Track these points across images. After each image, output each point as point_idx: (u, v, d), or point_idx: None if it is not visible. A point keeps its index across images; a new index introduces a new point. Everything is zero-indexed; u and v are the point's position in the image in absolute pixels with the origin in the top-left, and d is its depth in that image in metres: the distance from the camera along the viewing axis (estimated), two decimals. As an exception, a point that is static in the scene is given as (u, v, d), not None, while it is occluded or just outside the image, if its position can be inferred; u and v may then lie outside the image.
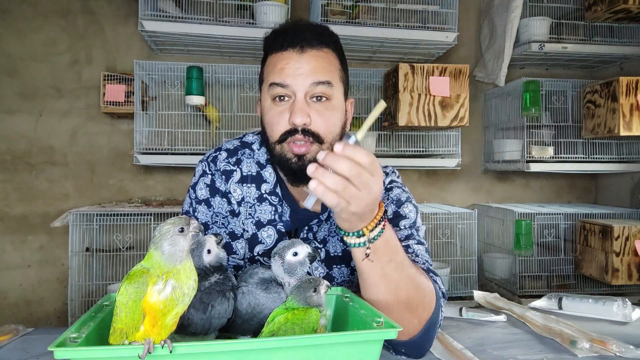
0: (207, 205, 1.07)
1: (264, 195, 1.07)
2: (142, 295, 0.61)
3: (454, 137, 2.60)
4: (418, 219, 1.07)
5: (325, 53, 0.99)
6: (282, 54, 0.97)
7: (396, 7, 2.46)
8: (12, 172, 2.49)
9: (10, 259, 2.49)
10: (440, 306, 0.93)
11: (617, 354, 0.94)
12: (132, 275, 0.63)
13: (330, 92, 0.98)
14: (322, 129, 0.97)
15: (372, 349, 0.67)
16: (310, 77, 0.95)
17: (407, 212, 1.05)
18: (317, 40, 0.98)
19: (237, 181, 1.07)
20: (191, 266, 0.66)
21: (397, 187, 1.09)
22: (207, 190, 1.07)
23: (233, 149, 1.10)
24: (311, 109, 0.96)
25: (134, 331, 0.62)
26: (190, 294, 0.64)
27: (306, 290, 0.74)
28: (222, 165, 1.08)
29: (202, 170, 1.09)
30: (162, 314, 0.62)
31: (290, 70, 0.95)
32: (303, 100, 0.95)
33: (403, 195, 1.08)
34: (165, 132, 2.44)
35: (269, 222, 1.06)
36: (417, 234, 1.04)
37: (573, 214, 2.54)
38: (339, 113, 1.01)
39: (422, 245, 1.02)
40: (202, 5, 2.34)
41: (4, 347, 0.95)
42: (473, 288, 2.48)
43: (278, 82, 0.96)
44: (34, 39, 2.49)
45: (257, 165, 1.08)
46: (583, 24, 2.64)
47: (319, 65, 0.97)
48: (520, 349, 0.98)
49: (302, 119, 0.94)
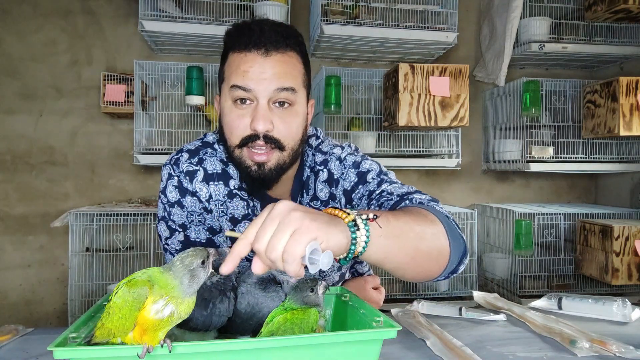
0: (180, 207, 1.06)
1: (234, 191, 1.06)
2: (139, 306, 0.61)
3: (454, 137, 2.60)
4: (383, 168, 1.08)
5: (289, 57, 0.97)
6: (245, 55, 0.94)
7: (396, 7, 2.46)
8: (12, 172, 2.49)
9: (10, 259, 2.49)
10: (451, 224, 0.88)
11: (617, 354, 0.94)
12: (133, 282, 0.62)
13: (293, 98, 0.96)
14: (284, 135, 0.96)
15: (372, 349, 0.67)
16: (274, 83, 0.93)
17: (367, 166, 1.06)
18: (283, 43, 0.96)
19: (201, 180, 1.06)
20: (195, 297, 0.66)
21: (349, 155, 1.10)
22: (177, 192, 1.06)
23: (194, 149, 1.09)
24: (273, 115, 0.94)
25: (123, 335, 0.62)
26: (184, 317, 0.65)
27: (304, 290, 0.74)
28: (184, 167, 1.07)
29: (168, 174, 1.08)
30: (153, 329, 0.62)
31: (254, 74, 0.93)
32: (266, 106, 0.94)
33: (357, 157, 1.09)
34: (165, 132, 2.44)
35: (244, 217, 1.06)
36: (387, 177, 1.04)
37: (573, 214, 2.54)
38: (301, 119, 1.00)
39: (396, 183, 1.02)
40: (202, 5, 2.34)
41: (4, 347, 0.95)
42: (473, 288, 2.48)
43: (240, 85, 0.93)
44: (34, 39, 2.49)
45: (222, 163, 1.08)
46: (583, 24, 2.64)
47: (283, 71, 0.94)
48: (520, 346, 0.98)
49: (265, 126, 0.93)
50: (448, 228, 0.84)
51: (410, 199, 0.94)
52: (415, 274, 0.82)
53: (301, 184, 1.10)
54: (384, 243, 0.72)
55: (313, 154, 1.12)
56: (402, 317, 1.15)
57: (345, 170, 1.07)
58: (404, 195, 0.95)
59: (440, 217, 0.85)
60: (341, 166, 1.09)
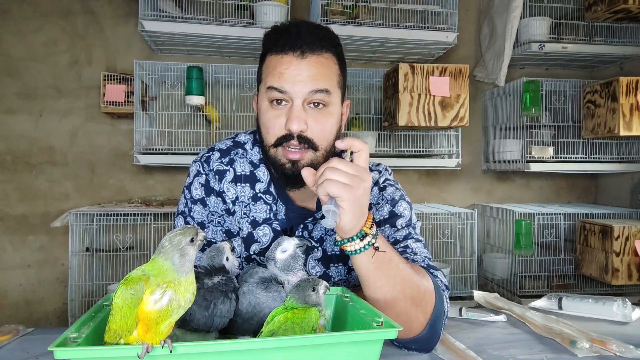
0: (202, 205, 1.07)
1: (259, 195, 1.07)
2: (137, 302, 0.61)
3: (454, 137, 2.60)
4: (413, 216, 1.08)
5: (325, 59, 0.98)
6: (282, 57, 0.96)
7: (396, 7, 2.46)
8: (12, 172, 2.49)
9: (10, 259, 2.49)
10: (444, 298, 0.94)
11: (617, 354, 0.94)
12: (129, 280, 0.63)
13: (328, 100, 0.97)
14: (318, 135, 0.97)
15: (372, 349, 0.67)
16: (309, 85, 0.95)
17: (402, 210, 1.06)
18: (319, 45, 0.97)
19: (230, 181, 1.08)
20: (192, 278, 0.66)
21: (390, 186, 1.10)
22: (202, 190, 1.08)
23: (226, 149, 1.11)
24: (308, 116, 0.96)
25: (128, 334, 0.62)
26: (186, 306, 0.64)
27: (305, 290, 0.74)
28: (215, 165, 1.08)
29: (197, 171, 1.09)
30: (155, 322, 0.61)
31: (290, 76, 0.95)
32: (300, 107, 0.95)
33: (397, 193, 1.09)
34: (165, 132, 2.44)
35: (264, 221, 1.07)
36: (414, 232, 1.05)
37: (573, 214, 2.54)
38: (335, 119, 1.01)
39: (420, 242, 1.03)
40: (202, 5, 2.34)
41: (4, 347, 0.95)
42: (473, 288, 2.48)
43: (276, 86, 0.95)
44: (34, 39, 2.49)
45: (251, 165, 1.09)
46: (583, 24, 2.64)
47: (318, 73, 0.96)
48: (520, 348, 0.98)
49: (299, 126, 0.94)
50: (435, 314, 0.90)
51: (432, 273, 0.96)
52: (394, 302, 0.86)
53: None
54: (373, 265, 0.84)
55: None
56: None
57: (382, 202, 1.07)
58: (428, 267, 0.98)
59: (437, 300, 0.91)
60: (379, 195, 1.09)
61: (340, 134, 1.05)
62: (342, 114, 1.06)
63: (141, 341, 0.61)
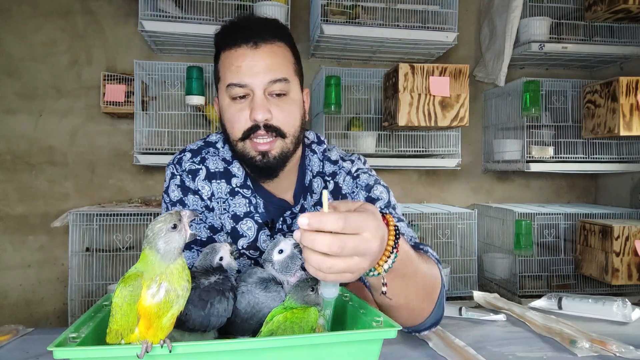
0: (182, 205, 1.08)
1: (236, 189, 1.08)
2: (137, 299, 0.61)
3: (454, 137, 2.60)
4: (392, 199, 1.08)
5: (279, 47, 1.00)
6: (236, 51, 0.98)
7: (396, 7, 2.46)
8: (12, 172, 2.49)
9: (10, 259, 2.49)
10: (443, 275, 0.95)
11: (617, 354, 0.94)
12: (126, 279, 0.63)
13: (287, 88, 0.99)
14: (283, 123, 0.98)
15: (372, 349, 0.67)
16: (267, 75, 0.96)
17: (378, 194, 1.06)
18: (270, 34, 0.99)
19: (203, 179, 1.08)
20: (184, 264, 0.65)
21: (363, 173, 1.11)
22: (179, 191, 1.08)
23: (197, 148, 1.12)
24: (271, 104, 0.97)
25: (129, 333, 0.62)
26: (185, 294, 0.64)
27: (304, 289, 0.74)
28: (187, 165, 1.09)
29: (171, 173, 1.10)
30: (156, 316, 0.62)
31: (247, 68, 0.96)
32: (262, 97, 0.97)
33: (371, 179, 1.09)
34: (165, 132, 2.43)
35: (245, 215, 1.07)
36: (394, 213, 1.05)
37: (573, 214, 2.54)
38: (298, 106, 1.03)
39: (403, 222, 1.03)
40: (202, 5, 2.34)
41: (4, 347, 0.95)
42: (473, 288, 2.48)
43: (236, 82, 0.97)
44: (34, 39, 2.49)
45: (224, 162, 1.10)
46: (583, 24, 2.64)
47: (274, 62, 0.97)
48: (520, 346, 0.98)
49: (263, 115, 0.96)
50: (441, 292, 0.91)
51: (424, 250, 0.97)
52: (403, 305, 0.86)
53: (304, 187, 1.11)
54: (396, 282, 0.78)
55: (320, 160, 1.13)
56: (402, 317, 1.15)
57: (357, 190, 1.08)
58: (417, 244, 0.98)
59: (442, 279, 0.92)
60: (353, 184, 1.09)
61: (305, 121, 1.07)
62: (304, 101, 1.07)
63: (143, 339, 0.61)
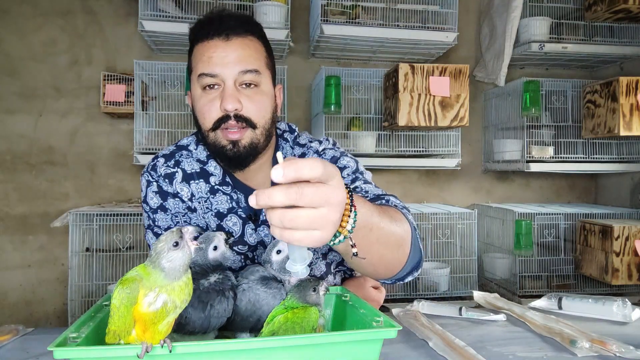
0: (163, 211, 1.08)
1: (215, 187, 1.08)
2: (133, 302, 0.61)
3: (454, 137, 2.60)
4: (360, 167, 1.08)
5: (250, 41, 1.01)
6: (208, 43, 0.99)
7: (396, 7, 2.46)
8: (12, 172, 2.49)
9: (10, 259, 2.49)
10: (411, 220, 0.89)
11: (617, 354, 0.94)
12: (124, 281, 0.63)
13: (258, 80, 1.00)
14: (254, 114, 0.99)
15: (372, 349, 0.67)
16: (238, 66, 0.97)
17: (345, 163, 1.07)
18: (242, 28, 1.00)
19: (181, 181, 1.08)
20: (188, 280, 0.65)
21: (328, 149, 1.11)
22: (158, 197, 1.08)
23: (169, 153, 1.12)
24: (241, 95, 0.98)
25: (127, 334, 0.62)
26: (183, 305, 0.64)
27: (305, 289, 0.75)
28: (162, 170, 1.09)
29: (147, 181, 1.09)
30: (152, 322, 0.61)
31: (218, 58, 0.97)
32: (233, 87, 0.98)
33: (337, 153, 1.10)
34: (165, 132, 2.43)
35: (229, 211, 1.07)
36: (362, 177, 1.05)
37: (573, 214, 2.54)
38: (269, 99, 1.04)
39: (371, 184, 1.03)
40: (202, 5, 2.34)
41: (4, 347, 0.95)
42: (473, 288, 2.48)
43: (207, 72, 0.98)
44: (34, 39, 2.49)
45: (199, 163, 1.10)
46: (583, 24, 2.64)
47: (245, 54, 0.99)
48: (520, 346, 0.98)
49: (233, 105, 0.96)
50: (413, 235, 0.86)
51: (386, 200, 0.95)
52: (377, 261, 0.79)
53: None
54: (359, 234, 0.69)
55: (291, 147, 1.14)
56: (403, 317, 1.15)
57: None
58: (379, 196, 0.97)
59: (410, 223, 0.87)
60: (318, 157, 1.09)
61: (276, 116, 1.08)
62: (276, 97, 1.08)
63: (139, 340, 0.61)
